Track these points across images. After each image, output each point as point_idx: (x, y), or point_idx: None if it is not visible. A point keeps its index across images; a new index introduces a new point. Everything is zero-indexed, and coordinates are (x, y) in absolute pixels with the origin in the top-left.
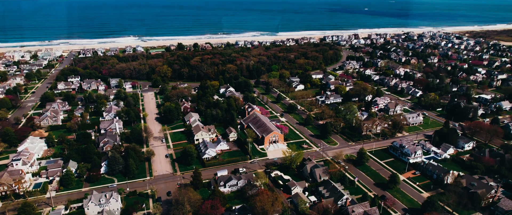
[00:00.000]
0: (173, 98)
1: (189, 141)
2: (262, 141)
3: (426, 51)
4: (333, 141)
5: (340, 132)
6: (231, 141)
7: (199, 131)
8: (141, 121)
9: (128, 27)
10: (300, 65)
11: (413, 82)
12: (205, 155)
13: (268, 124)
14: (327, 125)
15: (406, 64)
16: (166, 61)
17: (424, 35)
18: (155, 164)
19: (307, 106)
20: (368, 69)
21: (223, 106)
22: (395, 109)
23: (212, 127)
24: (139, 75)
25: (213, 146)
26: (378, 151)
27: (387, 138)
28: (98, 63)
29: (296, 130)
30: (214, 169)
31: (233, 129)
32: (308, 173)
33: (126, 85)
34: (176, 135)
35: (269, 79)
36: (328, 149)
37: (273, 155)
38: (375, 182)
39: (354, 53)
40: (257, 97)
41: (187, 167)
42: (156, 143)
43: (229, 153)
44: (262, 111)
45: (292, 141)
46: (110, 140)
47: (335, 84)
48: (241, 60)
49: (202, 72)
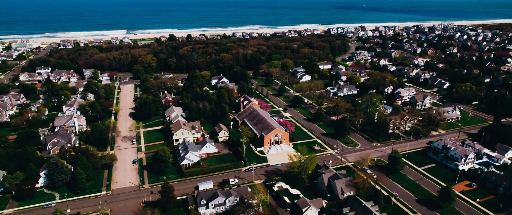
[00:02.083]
0: (152, 89)
1: (167, 142)
2: (261, 142)
3: (442, 42)
4: (353, 141)
5: (360, 129)
6: (221, 141)
7: (179, 129)
8: (112, 116)
9: (119, 22)
10: (305, 55)
11: (436, 73)
12: (184, 160)
13: (269, 119)
14: (345, 120)
15: (423, 54)
16: (151, 51)
17: (435, 28)
18: (118, 173)
19: (316, 100)
20: (382, 59)
21: (212, 98)
22: (424, 101)
23: (196, 124)
24: (120, 66)
25: (195, 149)
26: (412, 154)
27: (420, 137)
28: (75, 54)
29: (304, 128)
30: (196, 180)
31: (223, 126)
32: (326, 186)
33: (103, 77)
34: (152, 134)
35: (270, 69)
36: (348, 152)
37: (275, 160)
38: (417, 197)
39: (363, 44)
40: (255, 90)
41: (159, 177)
42: (125, 145)
43: (218, 158)
44: (262, 105)
45: (300, 142)
46: (61, 140)
47: (347, 75)
48: (237, 50)
49: (192, 62)
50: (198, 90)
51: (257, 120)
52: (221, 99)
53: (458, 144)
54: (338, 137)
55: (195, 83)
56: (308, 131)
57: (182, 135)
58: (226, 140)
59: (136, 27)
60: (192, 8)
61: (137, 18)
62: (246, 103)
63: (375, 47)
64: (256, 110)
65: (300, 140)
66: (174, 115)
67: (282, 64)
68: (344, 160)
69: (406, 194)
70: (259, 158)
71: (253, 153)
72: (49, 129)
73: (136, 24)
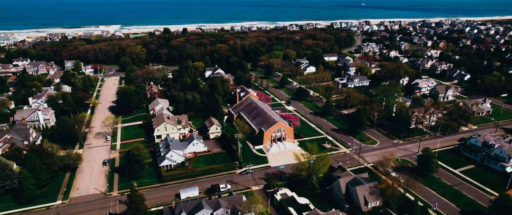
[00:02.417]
0: (137, 80)
1: (148, 139)
2: (261, 138)
3: (452, 36)
4: (369, 138)
5: (377, 124)
6: (212, 138)
7: (162, 123)
8: (88, 110)
9: (115, 18)
10: (309, 46)
11: (453, 65)
12: (164, 161)
13: (270, 112)
14: (360, 113)
15: (435, 47)
16: (141, 42)
17: (443, 23)
18: (82, 177)
19: (323, 92)
20: (393, 51)
21: (204, 89)
22: (446, 93)
23: (183, 118)
24: (106, 58)
25: (179, 147)
26: (442, 153)
27: (448, 133)
28: (59, 46)
29: (310, 122)
30: (178, 186)
31: (215, 121)
32: (344, 194)
33: (87, 69)
34: (131, 130)
35: (270, 60)
36: (365, 150)
37: (277, 161)
38: (460, 208)
39: (370, 37)
40: (254, 82)
41: (131, 182)
42: (97, 142)
43: (207, 158)
44: (261, 97)
45: (306, 138)
46: (15, 137)
47: (357, 65)
48: (235, 41)
49: (185, 53)
50: (188, 80)
51: (256, 112)
52: (214, 90)
53: (505, 141)
54: (352, 133)
55: (185, 74)
56: (316, 126)
57: (165, 130)
58: (218, 136)
59: (131, 23)
60: (189, 6)
61: (133, 15)
62: (243, 95)
63: (382, 39)
64: (254, 102)
65: (307, 136)
66: (159, 108)
67: (284, 55)
68: (362, 161)
69: (445, 204)
70: (258, 158)
71: (251, 152)
72: (9, 124)
73: (132, 21)
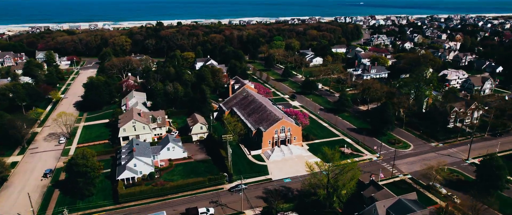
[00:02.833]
0: (112, 71)
1: (113, 141)
2: (258, 141)
3: (467, 29)
4: (399, 140)
5: (406, 122)
6: (195, 141)
7: (129, 121)
8: (49, 106)
9: (109, 14)
10: (313, 37)
11: (478, 56)
12: (124, 172)
13: (270, 107)
14: (387, 108)
15: (451, 40)
16: (127, 33)
17: (452, 18)
18: (6, 196)
19: (334, 86)
20: (407, 43)
21: (189, 80)
22: (483, 86)
23: (160, 114)
24: (87, 50)
25: (147, 153)
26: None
27: (499, 134)
28: (36, 37)
29: (321, 121)
30: (141, 210)
31: (200, 118)
32: None
33: (62, 61)
34: (95, 129)
35: (271, 50)
36: (398, 156)
37: (281, 172)
38: None
39: (379, 30)
40: (253, 74)
41: (76, 202)
42: (47, 145)
43: (187, 167)
44: (260, 90)
45: (318, 141)
46: None
47: (371, 56)
48: (231, 31)
49: (175, 43)
50: (172, 70)
51: (253, 108)
52: (201, 80)
53: None
54: (376, 133)
55: (169, 63)
56: (329, 125)
57: (134, 130)
58: (203, 138)
59: (125, 19)
60: (187, 4)
61: (130, 13)
62: (238, 87)
63: (393, 32)
64: (251, 95)
65: (318, 138)
66: (133, 103)
67: (287, 45)
68: (395, 170)
69: None
70: (255, 167)
71: (245, 160)
72: None
73: (126, 17)
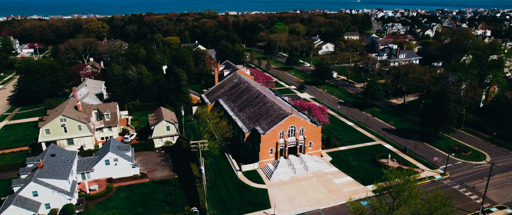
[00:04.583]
0: (67, 55)
1: (34, 149)
2: (254, 149)
3: (487, 18)
4: (465, 146)
5: (465, 121)
6: (158, 148)
7: (54, 118)
8: None
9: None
10: (321, 24)
11: None
12: (8, 210)
13: (273, 98)
14: (448, 100)
15: (477, 27)
16: (107, 19)
17: (464, 11)
18: None
19: (352, 75)
20: (429, 30)
21: (161, 62)
22: None
23: (111, 107)
24: (57, 37)
25: (65, 170)
26: None
27: None
28: (2, 24)
29: (344, 118)
30: None
31: (168, 113)
32: None
33: (23, 48)
34: (19, 130)
35: (271, 36)
36: (469, 173)
37: (292, 202)
38: None
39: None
40: (250, 62)
41: None
42: None
43: (134, 194)
44: (259, 78)
45: (344, 148)
46: None
47: (396, 40)
48: (226, 18)
49: (160, 30)
50: (143, 51)
51: (247, 99)
52: (179, 65)
53: None
54: (429, 136)
55: (143, 45)
56: (355, 124)
57: (65, 132)
58: (171, 143)
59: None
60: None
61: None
62: (229, 72)
63: (406, 22)
64: (245, 81)
65: (344, 143)
66: (84, 93)
67: (291, 30)
68: (478, 198)
69: None
70: (247, 194)
71: (231, 180)
72: None
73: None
